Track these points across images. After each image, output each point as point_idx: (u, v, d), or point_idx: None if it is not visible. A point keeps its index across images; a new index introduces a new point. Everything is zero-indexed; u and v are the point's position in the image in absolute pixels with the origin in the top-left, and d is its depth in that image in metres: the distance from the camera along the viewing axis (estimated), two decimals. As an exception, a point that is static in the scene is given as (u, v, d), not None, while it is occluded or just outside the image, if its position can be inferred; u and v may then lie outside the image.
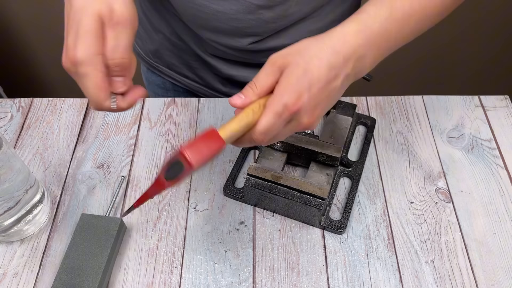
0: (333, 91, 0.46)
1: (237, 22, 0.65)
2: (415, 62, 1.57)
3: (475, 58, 1.57)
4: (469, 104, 0.74)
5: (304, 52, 0.44)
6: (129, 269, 0.58)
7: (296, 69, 0.43)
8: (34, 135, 0.71)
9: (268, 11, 0.64)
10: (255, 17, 0.64)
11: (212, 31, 0.69)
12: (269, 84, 0.45)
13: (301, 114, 0.44)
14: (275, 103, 0.43)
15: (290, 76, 0.43)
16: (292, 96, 0.43)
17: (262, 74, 0.45)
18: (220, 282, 0.56)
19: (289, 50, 0.45)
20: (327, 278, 0.56)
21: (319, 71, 0.44)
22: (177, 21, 0.73)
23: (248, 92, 0.45)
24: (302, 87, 0.43)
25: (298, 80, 0.43)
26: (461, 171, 0.66)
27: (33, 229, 0.60)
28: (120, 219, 0.58)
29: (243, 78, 0.78)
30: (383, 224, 0.61)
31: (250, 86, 0.45)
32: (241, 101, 0.44)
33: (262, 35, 0.68)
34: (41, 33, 1.50)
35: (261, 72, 0.45)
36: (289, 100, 0.43)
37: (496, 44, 1.53)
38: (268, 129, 0.43)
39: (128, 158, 0.68)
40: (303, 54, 0.44)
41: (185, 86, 0.85)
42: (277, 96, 0.43)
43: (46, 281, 0.57)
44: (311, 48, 0.45)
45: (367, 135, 0.69)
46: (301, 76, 0.43)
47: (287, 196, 0.58)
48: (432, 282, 0.56)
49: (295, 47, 0.46)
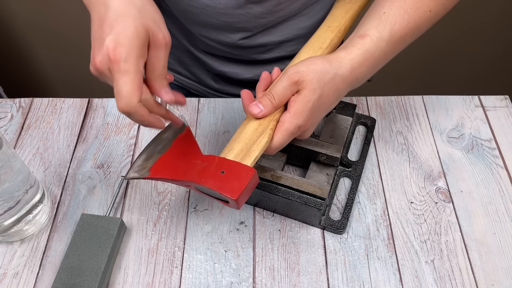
0: (331, 108, 0.54)
1: (227, 17, 0.66)
2: (415, 62, 1.57)
3: (475, 58, 1.57)
4: (469, 104, 0.74)
5: (320, 77, 0.49)
6: (129, 269, 0.58)
7: (314, 95, 0.49)
8: (34, 135, 0.71)
9: (257, 5, 0.64)
10: (244, 11, 0.65)
11: (203, 26, 0.69)
12: (286, 98, 0.50)
13: (306, 132, 0.52)
14: (291, 123, 0.49)
15: (308, 100, 0.49)
16: (305, 119, 0.50)
17: (280, 87, 0.50)
18: (220, 282, 0.56)
19: (305, 68, 0.50)
20: (327, 278, 0.56)
21: (328, 98, 0.51)
22: (169, 17, 0.73)
23: (267, 104, 0.50)
24: (314, 112, 0.50)
25: (313, 106, 0.49)
26: (461, 171, 0.66)
27: (33, 229, 0.60)
28: (120, 219, 0.58)
29: (234, 75, 0.78)
30: (383, 224, 0.61)
31: (269, 99, 0.50)
32: (261, 113, 0.50)
33: (252, 30, 0.69)
34: (41, 33, 1.50)
35: (279, 85, 0.50)
36: (303, 122, 0.50)
37: (496, 44, 1.53)
38: (281, 145, 0.50)
39: (128, 158, 0.68)
40: (319, 78, 0.49)
41: (178, 83, 0.85)
42: (294, 117, 0.49)
43: (46, 281, 0.57)
44: (326, 75, 0.50)
45: (367, 135, 0.69)
46: (316, 102, 0.49)
47: (287, 196, 0.58)
48: (432, 282, 0.56)
49: (312, 66, 0.50)
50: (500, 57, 1.57)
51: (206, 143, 0.70)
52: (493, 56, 1.57)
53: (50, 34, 1.51)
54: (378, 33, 0.52)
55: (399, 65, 1.58)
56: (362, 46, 0.52)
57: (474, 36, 1.49)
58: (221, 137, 0.70)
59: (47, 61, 1.62)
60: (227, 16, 0.66)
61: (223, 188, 0.47)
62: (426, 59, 1.56)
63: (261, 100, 0.50)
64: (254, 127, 0.51)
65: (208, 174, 0.48)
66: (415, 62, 1.57)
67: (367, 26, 0.53)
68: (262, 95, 0.51)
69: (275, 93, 0.50)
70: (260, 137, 0.50)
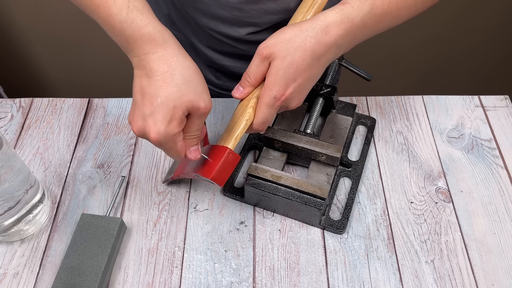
0: (316, 75, 0.53)
1: (239, 11, 0.66)
2: (415, 62, 1.57)
3: (475, 58, 1.57)
4: (469, 104, 0.74)
5: (289, 44, 0.49)
6: (129, 269, 0.58)
7: (283, 62, 0.49)
8: (34, 135, 0.71)
9: (272, 2, 0.64)
10: (257, 7, 0.65)
11: (212, 18, 0.69)
12: (260, 75, 0.51)
13: (289, 101, 0.52)
14: (266, 96, 0.50)
15: (277, 69, 0.49)
16: (280, 89, 0.49)
17: (253, 66, 0.51)
18: (220, 282, 0.56)
19: (274, 39, 0.50)
20: (327, 278, 0.56)
21: (303, 62, 0.49)
22: (175, 10, 0.73)
23: (245, 84, 0.52)
24: (289, 79, 0.49)
25: (284, 73, 0.49)
26: (461, 171, 0.66)
27: (33, 229, 0.60)
28: (120, 219, 0.58)
29: (237, 69, 0.78)
30: (383, 224, 0.61)
31: (245, 78, 0.52)
32: (242, 94, 0.52)
33: (261, 26, 0.69)
34: (41, 33, 1.50)
35: (252, 64, 0.51)
36: (278, 92, 0.50)
37: (496, 44, 1.53)
38: (264, 120, 0.51)
39: (128, 158, 0.68)
40: (288, 45, 0.49)
41: None
42: (267, 90, 0.50)
43: (46, 281, 0.57)
44: (295, 40, 0.49)
45: (367, 135, 0.69)
46: (287, 68, 0.49)
47: (287, 196, 0.58)
48: (432, 282, 0.56)
49: (280, 36, 0.50)
50: (500, 57, 1.57)
51: (206, 143, 0.70)
52: (493, 56, 1.57)
53: (50, 34, 1.51)
54: (360, 3, 0.51)
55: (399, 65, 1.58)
56: (340, 11, 0.51)
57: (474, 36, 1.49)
58: (221, 137, 0.70)
59: (47, 61, 1.62)
60: (240, 10, 0.65)
61: (203, 171, 0.53)
62: (426, 59, 1.56)
63: (240, 82, 0.53)
64: (239, 110, 0.54)
65: (201, 163, 0.54)
66: (415, 62, 1.57)
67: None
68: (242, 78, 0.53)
69: (249, 71, 0.51)
70: (241, 117, 0.53)
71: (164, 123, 0.46)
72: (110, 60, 1.53)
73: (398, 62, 1.57)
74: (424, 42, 1.49)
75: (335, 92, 0.67)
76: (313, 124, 0.65)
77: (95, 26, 0.54)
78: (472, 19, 1.43)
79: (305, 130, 0.64)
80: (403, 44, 1.49)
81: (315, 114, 0.66)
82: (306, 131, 0.64)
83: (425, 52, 1.53)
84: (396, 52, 1.52)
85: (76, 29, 1.47)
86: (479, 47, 1.54)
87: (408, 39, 1.46)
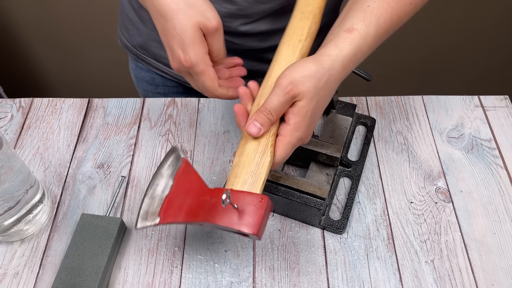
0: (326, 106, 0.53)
1: (231, 4, 0.66)
2: (415, 62, 1.57)
3: (475, 58, 1.57)
4: (469, 104, 0.74)
5: (317, 83, 0.48)
6: (129, 269, 0.58)
7: (311, 103, 0.48)
8: (34, 135, 0.71)
9: None
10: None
11: None
12: (283, 112, 0.49)
13: (307, 138, 0.51)
14: (292, 136, 0.48)
15: (306, 110, 0.48)
16: (306, 129, 0.49)
17: (276, 103, 0.48)
18: (220, 282, 0.56)
19: (299, 76, 0.48)
20: (327, 278, 0.56)
21: (325, 101, 0.51)
22: None
23: (265, 122, 0.49)
24: (313, 119, 0.50)
25: (311, 114, 0.49)
26: (461, 171, 0.66)
27: (33, 229, 0.60)
28: (120, 219, 0.58)
29: None
30: (383, 224, 0.61)
31: (266, 116, 0.48)
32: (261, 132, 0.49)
33: (251, 16, 0.69)
34: (41, 33, 1.51)
35: (275, 101, 0.48)
36: (304, 133, 0.49)
37: (497, 44, 1.53)
38: (284, 158, 0.49)
39: (128, 158, 0.68)
40: (316, 85, 0.48)
41: (174, 78, 0.85)
42: (294, 130, 0.48)
43: (46, 281, 0.57)
44: (321, 79, 0.49)
45: (367, 135, 0.69)
46: (314, 109, 0.49)
47: (287, 196, 0.58)
48: (432, 282, 0.56)
49: (305, 73, 0.48)
50: (500, 57, 1.58)
51: (206, 143, 0.70)
52: (493, 56, 1.57)
53: (50, 34, 1.51)
54: (365, 27, 0.52)
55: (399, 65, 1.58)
56: (352, 42, 0.51)
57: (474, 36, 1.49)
58: (221, 137, 0.70)
59: (47, 61, 1.62)
60: (231, 3, 0.66)
61: (241, 225, 0.45)
62: (426, 59, 1.56)
63: (257, 117, 0.48)
64: (254, 147, 0.49)
65: (221, 211, 0.46)
66: (415, 62, 1.57)
67: (354, 20, 0.52)
68: (257, 110, 0.49)
69: (271, 108, 0.48)
70: (262, 157, 0.48)
71: (190, 47, 0.50)
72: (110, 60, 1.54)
73: (398, 62, 1.57)
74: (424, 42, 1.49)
75: (335, 92, 0.67)
76: (313, 124, 0.65)
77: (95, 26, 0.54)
78: (472, 19, 1.43)
79: (305, 130, 0.64)
80: (403, 44, 1.49)
81: (315, 114, 0.66)
82: (306, 131, 0.64)
83: (425, 52, 1.53)
84: (396, 52, 1.52)
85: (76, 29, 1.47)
86: (479, 47, 1.54)
87: (408, 39, 1.46)
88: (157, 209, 0.50)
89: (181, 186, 0.51)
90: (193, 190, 0.50)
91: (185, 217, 0.49)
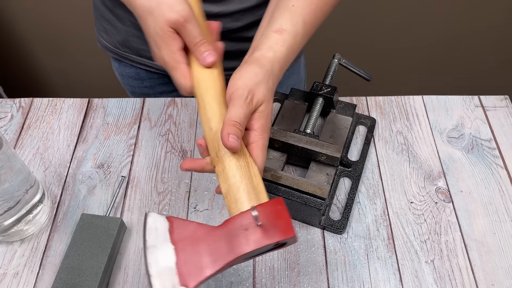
0: None
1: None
2: (415, 62, 1.57)
3: (475, 58, 1.57)
4: (469, 104, 0.74)
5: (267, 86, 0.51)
6: (129, 269, 0.58)
7: (268, 106, 0.50)
8: (34, 135, 0.71)
9: None
10: None
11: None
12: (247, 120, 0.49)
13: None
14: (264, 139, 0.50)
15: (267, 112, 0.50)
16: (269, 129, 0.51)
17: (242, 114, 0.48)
18: (220, 282, 0.56)
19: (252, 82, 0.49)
20: (327, 278, 0.56)
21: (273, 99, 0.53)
22: None
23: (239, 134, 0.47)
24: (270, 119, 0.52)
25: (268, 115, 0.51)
26: (461, 171, 0.66)
27: (33, 229, 0.60)
28: (120, 219, 0.58)
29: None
30: (383, 224, 0.61)
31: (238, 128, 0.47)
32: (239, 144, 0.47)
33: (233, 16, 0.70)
34: (41, 33, 1.51)
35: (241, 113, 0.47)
36: (269, 133, 0.51)
37: (497, 44, 1.53)
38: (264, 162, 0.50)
39: (128, 158, 0.68)
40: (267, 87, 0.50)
41: (158, 70, 0.85)
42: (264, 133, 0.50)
43: (46, 281, 0.57)
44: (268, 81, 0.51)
45: (367, 135, 0.69)
46: (271, 110, 0.51)
47: (287, 196, 0.58)
48: (432, 282, 0.56)
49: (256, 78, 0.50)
50: (500, 57, 1.57)
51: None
52: (493, 56, 1.57)
53: (51, 35, 1.51)
54: (294, 27, 0.53)
55: (399, 65, 1.58)
56: (284, 43, 0.53)
57: (474, 36, 1.49)
58: (221, 137, 0.70)
59: (47, 61, 1.62)
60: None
61: (275, 236, 0.41)
62: (426, 59, 1.56)
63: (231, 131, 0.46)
64: (235, 164, 0.47)
65: (244, 237, 0.41)
66: (415, 62, 1.57)
67: (282, 20, 0.54)
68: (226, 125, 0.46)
69: (240, 120, 0.47)
70: (249, 168, 0.47)
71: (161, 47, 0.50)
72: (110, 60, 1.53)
73: (398, 62, 1.57)
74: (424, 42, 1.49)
75: (335, 92, 0.67)
76: (313, 124, 0.65)
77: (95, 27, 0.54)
78: (472, 19, 1.43)
79: (305, 130, 0.64)
80: (403, 44, 1.49)
81: (315, 114, 0.66)
82: (306, 131, 0.64)
83: (425, 52, 1.53)
84: (396, 52, 1.52)
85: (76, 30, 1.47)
86: (479, 47, 1.54)
87: (408, 39, 1.47)
88: (176, 281, 0.41)
89: (184, 243, 0.43)
90: (199, 238, 0.43)
91: (212, 265, 0.41)
